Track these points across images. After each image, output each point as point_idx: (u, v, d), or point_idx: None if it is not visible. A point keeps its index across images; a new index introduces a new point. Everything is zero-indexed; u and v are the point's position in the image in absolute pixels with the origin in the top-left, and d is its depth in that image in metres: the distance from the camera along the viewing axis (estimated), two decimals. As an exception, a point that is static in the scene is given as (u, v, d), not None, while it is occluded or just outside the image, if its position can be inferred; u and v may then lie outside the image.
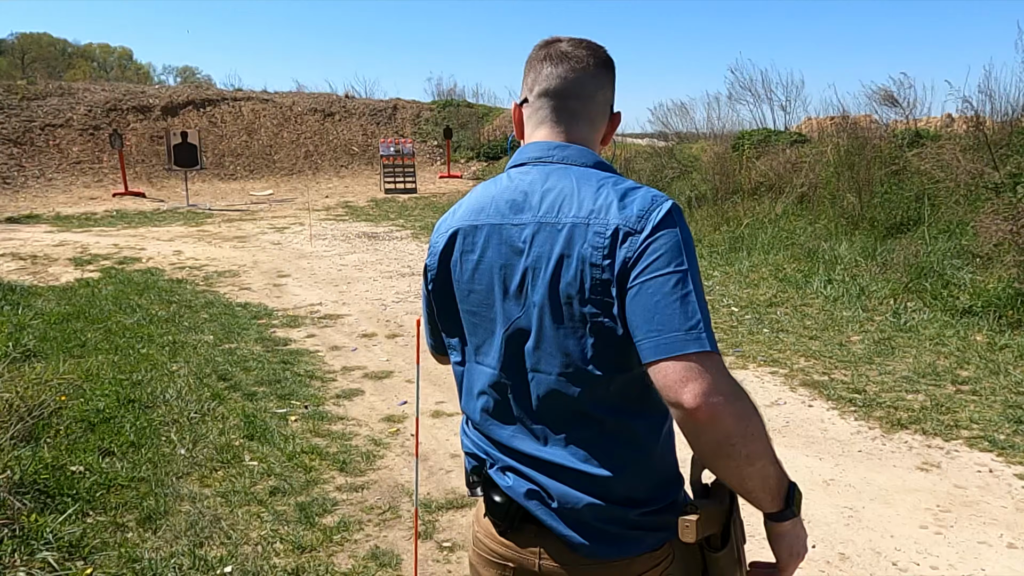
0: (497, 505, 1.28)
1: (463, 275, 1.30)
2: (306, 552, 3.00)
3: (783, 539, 1.22)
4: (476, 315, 1.30)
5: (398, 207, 15.30)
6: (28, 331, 5.75)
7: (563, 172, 1.26)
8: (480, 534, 1.35)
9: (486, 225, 1.28)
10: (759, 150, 11.55)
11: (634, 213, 1.16)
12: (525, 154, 1.33)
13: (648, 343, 1.11)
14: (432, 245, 1.38)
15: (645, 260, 1.13)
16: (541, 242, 1.21)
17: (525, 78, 1.36)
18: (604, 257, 1.15)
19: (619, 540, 1.22)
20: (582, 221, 1.18)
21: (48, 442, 3.72)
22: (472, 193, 1.36)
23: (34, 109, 17.91)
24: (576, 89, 1.31)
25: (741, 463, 1.12)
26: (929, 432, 4.21)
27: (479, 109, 23.50)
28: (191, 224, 13.02)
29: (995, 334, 5.74)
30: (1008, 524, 3.28)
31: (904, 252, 7.51)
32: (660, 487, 1.25)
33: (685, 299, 1.12)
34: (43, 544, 2.84)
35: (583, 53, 1.31)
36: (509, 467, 1.28)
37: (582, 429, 1.22)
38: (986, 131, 8.54)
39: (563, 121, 1.32)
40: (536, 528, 1.25)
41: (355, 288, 8.04)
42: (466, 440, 1.38)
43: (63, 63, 42.79)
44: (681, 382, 1.08)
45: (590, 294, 1.17)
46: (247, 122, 20.38)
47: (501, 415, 1.29)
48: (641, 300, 1.13)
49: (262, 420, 4.28)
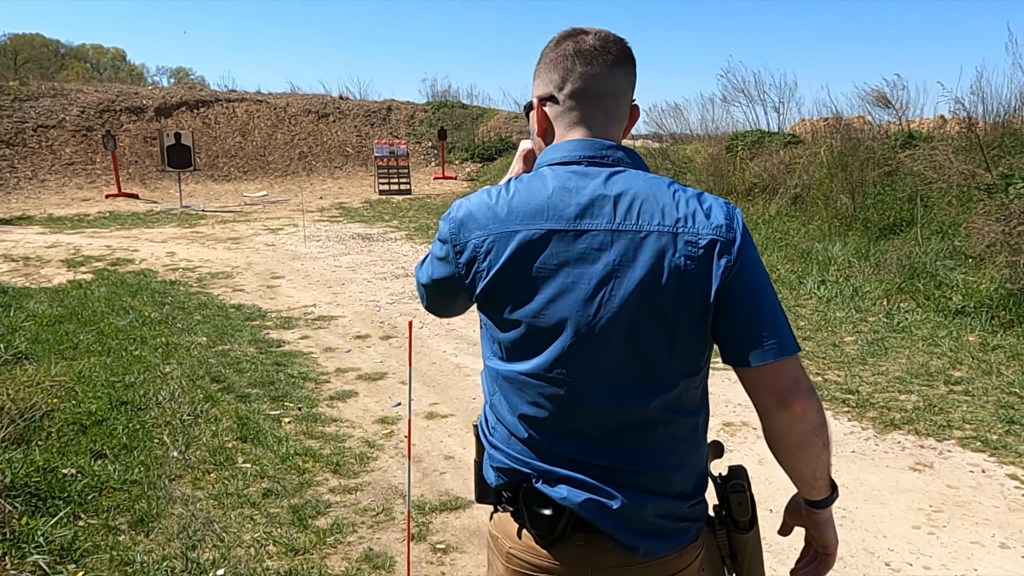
0: (545, 518, 1.24)
1: (520, 282, 1.23)
2: (299, 554, 2.99)
3: (829, 524, 1.34)
4: (531, 322, 1.23)
5: (392, 208, 15.28)
6: (20, 333, 5.72)
7: (628, 176, 1.24)
8: (516, 550, 1.30)
9: (548, 231, 1.21)
10: (753, 151, 11.57)
11: (722, 223, 1.20)
12: (573, 152, 1.27)
13: (759, 347, 1.19)
14: (472, 247, 1.26)
15: (745, 269, 1.20)
16: (621, 250, 1.19)
17: (549, 73, 1.31)
18: (701, 267, 1.18)
19: (672, 534, 1.26)
20: (669, 230, 1.19)
21: (40, 444, 3.71)
22: (515, 193, 1.26)
23: (26, 110, 17.83)
24: (612, 87, 1.29)
25: (819, 451, 1.24)
26: (922, 432, 4.23)
27: (473, 110, 23.49)
28: (184, 225, 12.98)
29: (987, 334, 5.76)
30: (1000, 524, 3.29)
31: (897, 253, 7.54)
32: (701, 478, 1.32)
33: (778, 303, 1.24)
34: (34, 547, 2.83)
35: (613, 48, 1.29)
36: (562, 477, 1.24)
37: (649, 430, 1.23)
38: (978, 132, 8.58)
39: (599, 121, 1.29)
40: (585, 536, 1.24)
41: (349, 289, 8.03)
42: (499, 455, 1.32)
43: (56, 64, 42.66)
44: (795, 381, 1.20)
45: (684, 303, 1.19)
46: (241, 123, 20.33)
47: (554, 425, 1.25)
48: (747, 307, 1.20)
49: (255, 422, 4.26)
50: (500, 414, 1.32)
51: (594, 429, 1.23)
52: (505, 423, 1.31)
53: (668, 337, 1.20)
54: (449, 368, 5.46)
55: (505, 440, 1.31)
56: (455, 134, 21.57)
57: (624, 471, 1.23)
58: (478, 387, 5.04)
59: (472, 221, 1.27)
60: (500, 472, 1.32)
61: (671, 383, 1.22)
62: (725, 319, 1.21)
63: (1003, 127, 8.87)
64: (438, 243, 1.33)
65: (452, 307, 1.43)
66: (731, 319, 1.20)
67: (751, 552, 1.34)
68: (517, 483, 1.29)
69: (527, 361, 1.25)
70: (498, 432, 1.33)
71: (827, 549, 1.36)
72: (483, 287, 1.26)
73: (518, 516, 1.30)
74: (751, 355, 1.20)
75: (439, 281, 1.35)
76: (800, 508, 1.36)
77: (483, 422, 1.39)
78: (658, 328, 1.19)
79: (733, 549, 1.33)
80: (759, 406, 1.25)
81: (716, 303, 1.19)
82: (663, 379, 1.21)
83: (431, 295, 1.42)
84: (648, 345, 1.20)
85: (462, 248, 1.27)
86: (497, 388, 1.32)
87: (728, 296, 1.19)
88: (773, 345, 1.19)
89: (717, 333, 1.23)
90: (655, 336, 1.20)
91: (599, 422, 1.23)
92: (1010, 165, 7.81)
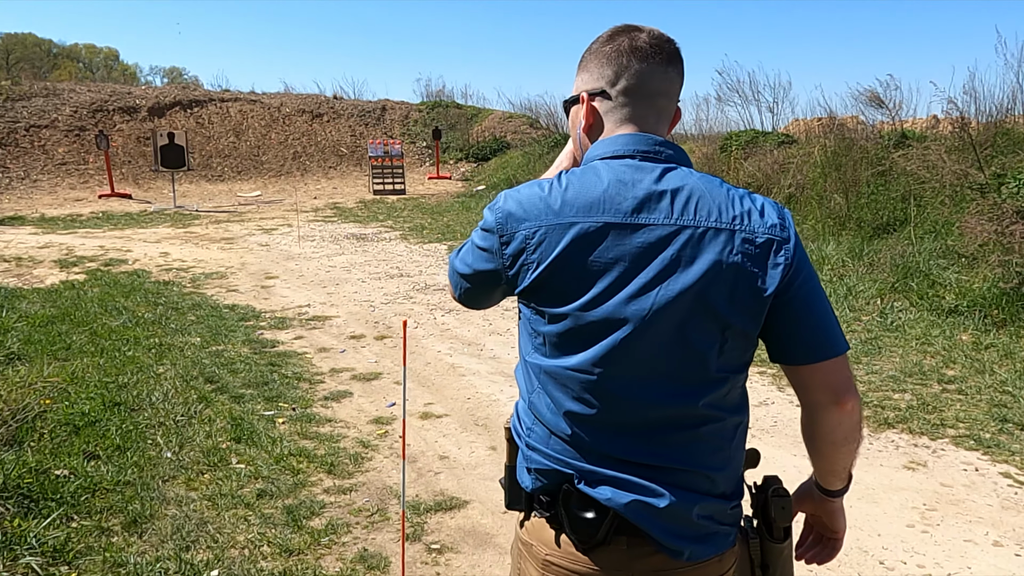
0: (587, 522, 1.22)
1: (572, 274, 1.20)
2: (293, 555, 2.98)
3: (840, 511, 1.41)
4: (581, 316, 1.20)
5: (387, 208, 15.26)
6: (12, 334, 5.69)
7: (682, 172, 1.24)
8: (554, 557, 1.27)
9: (605, 224, 1.19)
10: (747, 151, 11.60)
11: (776, 221, 1.21)
12: (627, 146, 1.26)
13: (816, 345, 1.22)
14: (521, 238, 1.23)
15: (801, 268, 1.21)
16: (679, 245, 1.18)
17: (601, 68, 1.29)
18: (758, 265, 1.19)
19: (714, 537, 1.25)
20: (726, 227, 1.19)
21: (32, 446, 3.69)
22: (569, 185, 1.23)
23: (19, 110, 17.75)
24: (666, 87, 1.29)
25: (856, 446, 1.30)
26: (915, 431, 4.24)
27: (468, 110, 23.48)
28: (178, 226, 12.94)
29: (980, 333, 5.78)
30: (994, 522, 3.30)
31: (891, 252, 7.56)
32: (740, 482, 1.31)
33: (828, 301, 1.26)
34: (27, 549, 2.81)
35: (667, 48, 1.28)
36: (605, 478, 1.22)
37: (696, 428, 1.22)
38: (971, 132, 8.61)
39: (650, 119, 1.29)
40: (627, 539, 1.22)
41: (343, 290, 8.01)
42: (537, 456, 1.28)
43: (48, 63, 42.47)
44: (848, 378, 1.24)
45: (739, 300, 1.19)
46: (235, 123, 20.28)
47: (600, 422, 1.22)
48: (804, 305, 1.22)
49: (249, 423, 4.25)
50: (540, 412, 1.28)
51: (641, 426, 1.22)
52: (545, 422, 1.27)
53: (719, 334, 1.19)
54: (444, 368, 5.45)
55: (544, 440, 1.28)
56: (450, 134, 21.55)
57: (671, 469, 1.22)
58: (473, 387, 5.03)
59: (522, 212, 1.24)
60: (538, 474, 1.28)
61: (720, 380, 1.22)
62: (781, 317, 1.22)
63: (995, 127, 8.90)
64: (481, 232, 1.29)
65: (488, 299, 1.38)
66: (787, 317, 1.22)
67: (784, 562, 1.33)
68: (556, 485, 1.26)
69: (573, 356, 1.22)
70: (536, 432, 1.29)
71: (837, 534, 1.42)
72: (531, 279, 1.23)
73: (555, 521, 1.26)
74: (808, 353, 1.22)
75: (481, 273, 1.31)
76: (811, 495, 1.40)
77: (516, 423, 1.36)
78: (710, 325, 1.19)
79: (765, 559, 1.32)
80: (809, 402, 1.27)
81: (773, 301, 1.20)
82: (712, 376, 1.21)
83: (468, 285, 1.36)
84: (699, 342, 1.19)
85: (509, 239, 1.24)
86: (538, 384, 1.28)
87: (785, 295, 1.20)
88: (829, 343, 1.22)
89: (769, 331, 1.24)
90: (707, 333, 1.19)
91: (646, 419, 1.22)
92: (1003, 165, 7.84)
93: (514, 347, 5.93)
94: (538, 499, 1.29)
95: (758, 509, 1.34)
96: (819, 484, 1.38)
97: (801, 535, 1.45)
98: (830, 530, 1.42)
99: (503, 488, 1.38)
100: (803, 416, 1.31)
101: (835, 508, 1.39)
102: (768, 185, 10.58)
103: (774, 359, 1.27)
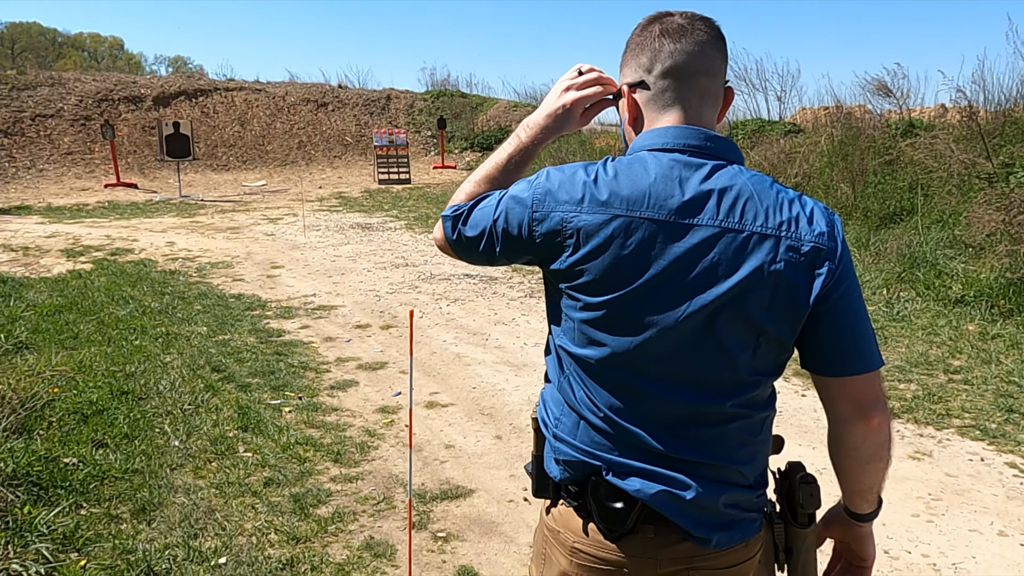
0: (615, 511, 1.22)
1: (611, 265, 1.17)
2: (300, 543, 3.01)
3: (869, 538, 1.36)
4: (616, 307, 1.19)
5: (392, 198, 15.25)
6: (20, 323, 5.72)
7: (732, 171, 1.20)
8: (581, 544, 1.27)
9: (648, 219, 1.16)
10: (753, 140, 11.55)
11: (824, 230, 1.18)
12: (676, 139, 1.22)
13: (850, 358, 1.20)
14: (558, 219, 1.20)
15: (844, 280, 1.19)
16: (720, 248, 1.15)
17: (636, 58, 1.26)
18: (799, 274, 1.16)
19: (740, 523, 1.26)
20: (772, 233, 1.16)
21: (41, 434, 3.71)
22: (616, 174, 1.20)
23: (24, 99, 17.77)
24: (704, 64, 1.23)
25: (884, 465, 1.27)
26: (921, 421, 4.24)
27: (473, 99, 23.40)
28: (184, 215, 12.96)
29: (987, 324, 5.77)
30: (999, 512, 3.30)
31: (897, 242, 7.53)
32: (765, 471, 1.31)
33: (867, 314, 1.23)
34: (37, 536, 2.84)
35: (701, 25, 1.23)
36: (634, 470, 1.22)
37: (724, 425, 1.22)
38: (979, 121, 8.56)
39: (693, 102, 1.24)
40: (654, 528, 1.23)
41: (349, 279, 8.02)
42: (565, 447, 1.27)
43: (53, 53, 42.48)
44: (878, 393, 1.22)
45: (778, 307, 1.17)
46: (240, 112, 20.26)
47: (630, 414, 1.22)
48: (842, 317, 1.19)
49: (256, 411, 4.27)
50: (570, 400, 1.27)
51: (670, 421, 1.21)
52: (576, 410, 1.26)
53: (754, 339, 1.18)
54: (449, 358, 5.46)
55: (571, 431, 1.27)
56: (454, 123, 21.50)
57: (698, 463, 1.21)
58: (478, 377, 5.04)
59: (563, 193, 1.21)
60: (566, 465, 1.28)
61: (751, 383, 1.21)
62: (817, 327, 1.20)
63: (1004, 116, 8.84)
64: (513, 200, 1.25)
65: (481, 259, 1.33)
66: (824, 328, 1.20)
67: (808, 547, 1.33)
68: (585, 476, 1.25)
69: (603, 347, 1.21)
70: (564, 423, 1.28)
71: (865, 563, 1.36)
72: (568, 263, 1.20)
73: (583, 510, 1.27)
74: (840, 365, 1.20)
75: (501, 234, 1.26)
76: (840, 519, 1.36)
77: (543, 413, 1.34)
78: (745, 329, 1.17)
79: (789, 544, 1.32)
80: (837, 416, 1.25)
81: (812, 310, 1.18)
82: (743, 378, 1.20)
83: (479, 236, 1.30)
84: (733, 345, 1.18)
85: (543, 216, 1.21)
86: (570, 374, 1.26)
87: (824, 305, 1.18)
88: (863, 357, 1.20)
89: (804, 340, 1.22)
90: (741, 337, 1.18)
91: (675, 414, 1.21)
92: (1011, 154, 7.80)
93: (519, 336, 5.94)
94: (566, 489, 1.29)
95: (783, 495, 1.33)
96: (847, 508, 1.35)
97: (829, 563, 1.42)
98: (859, 557, 1.37)
99: (529, 476, 1.38)
100: (829, 431, 1.29)
101: (864, 534, 1.35)
102: (774, 174, 10.54)
103: (805, 367, 1.25)
